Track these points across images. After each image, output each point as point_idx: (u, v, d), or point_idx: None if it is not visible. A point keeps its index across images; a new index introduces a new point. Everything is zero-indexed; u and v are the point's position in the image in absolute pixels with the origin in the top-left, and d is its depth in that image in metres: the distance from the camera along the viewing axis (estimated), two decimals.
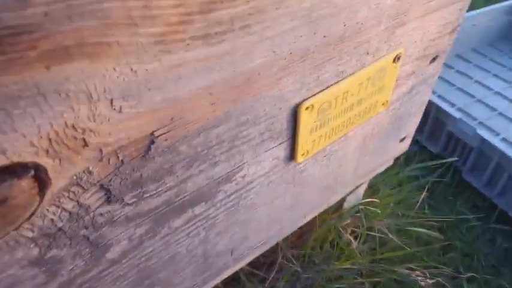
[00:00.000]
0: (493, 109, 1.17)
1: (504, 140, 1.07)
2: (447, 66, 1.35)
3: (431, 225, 0.76)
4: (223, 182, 0.41)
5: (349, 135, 0.51)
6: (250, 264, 0.79)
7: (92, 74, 0.24)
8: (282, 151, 0.44)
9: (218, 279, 0.59)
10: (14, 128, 0.23)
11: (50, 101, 0.24)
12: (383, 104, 0.49)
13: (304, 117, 0.40)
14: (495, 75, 1.31)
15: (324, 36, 0.35)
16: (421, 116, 0.62)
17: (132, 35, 0.24)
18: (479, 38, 1.43)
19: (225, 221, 0.46)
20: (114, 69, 0.25)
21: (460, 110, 1.16)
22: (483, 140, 0.97)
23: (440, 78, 1.30)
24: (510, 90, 1.25)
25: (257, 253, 0.62)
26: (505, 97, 1.22)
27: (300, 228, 0.76)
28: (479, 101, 1.21)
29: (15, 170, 0.26)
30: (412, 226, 0.80)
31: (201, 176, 0.38)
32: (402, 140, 0.64)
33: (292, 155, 0.45)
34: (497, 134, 1.09)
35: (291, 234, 0.76)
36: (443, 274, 0.77)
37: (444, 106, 1.06)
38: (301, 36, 0.33)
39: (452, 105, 1.17)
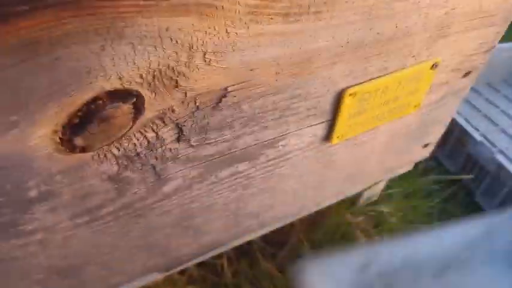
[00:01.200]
0: None
1: None
2: (476, 92, 1.39)
3: None
4: (267, 147, 0.47)
5: (380, 129, 0.57)
6: (264, 241, 0.85)
7: (198, 29, 0.31)
8: (320, 130, 0.50)
9: (240, 240, 0.65)
10: (134, 60, 0.30)
11: (164, 44, 0.30)
12: (415, 106, 0.55)
13: (347, 102, 0.46)
14: None
15: (378, 33, 0.41)
16: (445, 127, 0.67)
17: (233, 3, 0.31)
18: None
19: (260, 185, 0.53)
20: (214, 28, 0.32)
21: (482, 135, 1.19)
22: (500, 165, 1.01)
23: (468, 102, 1.34)
24: None
25: (277, 225, 0.68)
26: None
27: (316, 215, 0.82)
28: (502, 130, 1.25)
29: (123, 95, 0.33)
30: None
31: (252, 136, 0.44)
32: (425, 146, 0.69)
33: (328, 136, 0.51)
34: None
35: (307, 219, 0.83)
36: None
37: (467, 128, 1.10)
38: (359, 29, 0.39)
39: (476, 129, 1.21)
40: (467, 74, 0.57)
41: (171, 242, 0.53)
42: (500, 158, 1.02)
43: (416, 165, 0.88)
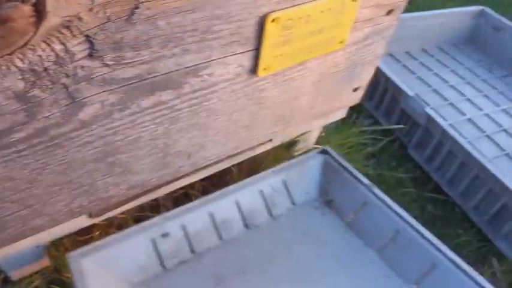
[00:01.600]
0: (445, 99, 1.28)
1: (450, 125, 1.18)
2: (411, 57, 1.45)
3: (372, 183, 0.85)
4: (191, 74, 0.46)
5: (308, 67, 0.58)
6: (202, 191, 0.85)
7: None
8: (246, 60, 0.49)
9: (173, 185, 0.65)
10: None
11: None
12: (340, 42, 0.56)
13: (270, 29, 0.46)
14: (453, 71, 1.43)
15: None
16: (373, 70, 0.70)
17: None
18: (445, 37, 1.55)
19: (187, 120, 0.52)
20: None
21: (415, 95, 1.25)
22: (430, 119, 1.07)
23: (404, 66, 1.41)
24: (464, 86, 1.37)
25: (211, 168, 0.68)
26: (458, 91, 1.34)
27: (254, 163, 0.83)
28: (435, 90, 1.32)
29: None
30: None
31: (173, 60, 0.43)
32: (355, 90, 0.71)
33: (254, 68, 0.51)
34: (445, 120, 1.19)
35: (244, 167, 0.83)
36: None
37: (401, 85, 1.15)
38: None
39: (409, 88, 1.27)
40: (389, 11, 0.59)
41: (97, 180, 0.51)
42: (431, 112, 1.08)
43: (351, 116, 0.91)
